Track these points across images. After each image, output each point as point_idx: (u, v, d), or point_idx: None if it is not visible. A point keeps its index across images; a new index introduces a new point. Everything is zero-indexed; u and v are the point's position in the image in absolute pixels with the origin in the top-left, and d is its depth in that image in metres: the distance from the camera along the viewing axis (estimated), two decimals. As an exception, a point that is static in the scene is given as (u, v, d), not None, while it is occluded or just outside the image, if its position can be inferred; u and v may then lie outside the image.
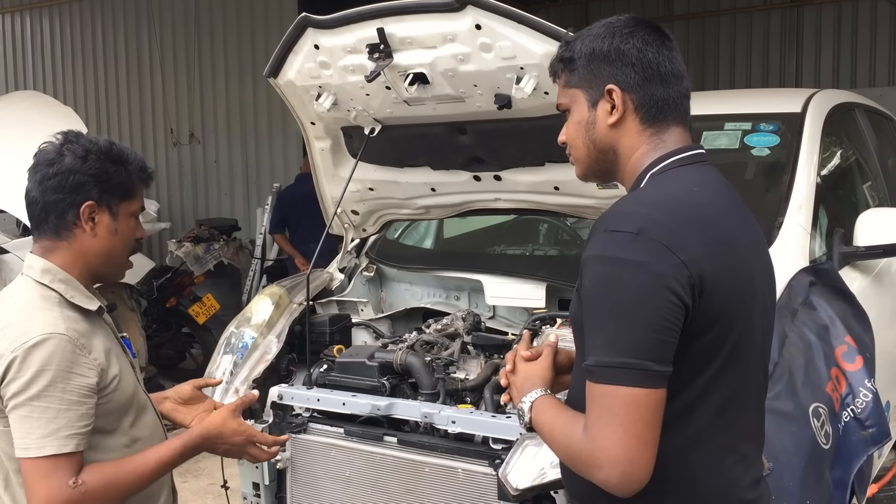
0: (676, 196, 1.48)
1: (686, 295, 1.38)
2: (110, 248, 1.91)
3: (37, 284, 1.85)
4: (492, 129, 2.80)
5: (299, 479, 2.81)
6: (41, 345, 1.74)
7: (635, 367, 1.36)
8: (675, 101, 1.55)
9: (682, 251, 1.39)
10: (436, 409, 2.58)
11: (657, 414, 1.38)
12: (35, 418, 1.71)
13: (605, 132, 1.57)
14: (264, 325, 3.09)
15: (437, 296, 3.56)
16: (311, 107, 2.96)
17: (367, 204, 3.39)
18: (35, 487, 1.73)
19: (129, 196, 1.92)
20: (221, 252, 7.72)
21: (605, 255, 1.41)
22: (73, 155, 1.85)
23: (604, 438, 1.37)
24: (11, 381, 1.73)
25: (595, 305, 1.41)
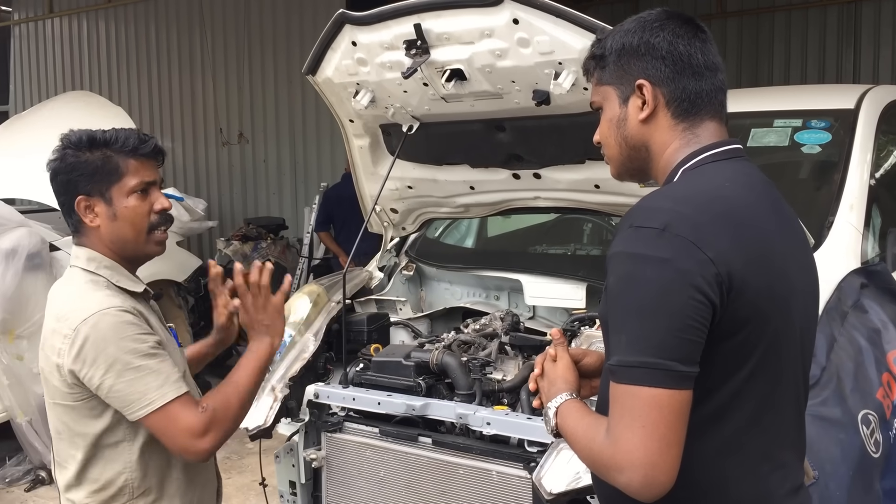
0: (706, 191, 1.42)
1: (713, 293, 1.32)
2: (118, 232, 1.93)
3: (84, 272, 1.93)
4: (531, 125, 2.75)
5: (334, 479, 2.80)
6: (103, 320, 1.80)
7: (658, 367, 1.30)
8: (708, 93, 1.49)
9: (710, 247, 1.33)
10: (471, 410, 2.54)
11: (682, 416, 1.32)
12: (142, 377, 1.80)
13: (637, 128, 1.52)
14: (302, 323, 3.08)
15: (477, 295, 3.52)
16: (349, 104, 2.95)
17: (407, 202, 3.37)
18: (173, 427, 1.82)
19: (117, 177, 1.91)
20: (268, 250, 7.79)
21: (630, 252, 1.36)
22: (56, 158, 1.93)
23: (625, 441, 1.31)
24: (96, 359, 1.78)
25: (618, 303, 1.37)
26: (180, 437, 1.84)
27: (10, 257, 4.68)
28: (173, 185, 10.02)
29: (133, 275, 1.99)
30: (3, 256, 4.66)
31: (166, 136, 10.57)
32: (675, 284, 1.31)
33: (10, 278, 4.63)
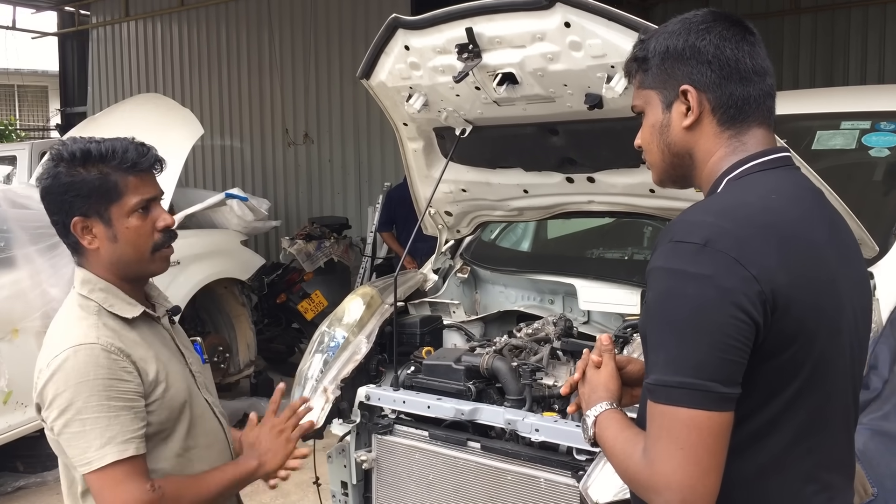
0: (750, 203, 1.36)
1: (756, 311, 1.27)
2: (119, 254, 1.80)
3: (78, 296, 1.81)
4: (584, 129, 2.72)
5: (384, 480, 2.81)
6: (73, 357, 1.69)
7: (698, 387, 1.26)
8: (756, 100, 1.43)
9: (753, 264, 1.28)
10: (519, 416, 2.52)
11: (722, 439, 1.27)
12: (87, 431, 1.67)
13: (681, 135, 1.47)
14: (355, 324, 3.11)
15: (532, 299, 3.50)
16: (403, 108, 2.96)
17: (461, 205, 3.37)
18: (109, 496, 1.70)
19: (116, 197, 1.77)
20: (332, 250, 7.87)
21: (669, 268, 1.32)
22: (46, 175, 1.78)
23: (662, 463, 1.27)
24: (52, 401, 1.69)
25: (658, 320, 1.33)
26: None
27: (81, 255, 4.83)
28: (240, 184, 10.23)
29: (132, 296, 1.84)
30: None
31: (235, 136, 10.80)
32: (717, 302, 1.27)
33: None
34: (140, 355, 1.77)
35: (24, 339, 4.68)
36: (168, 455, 1.81)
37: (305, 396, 2.08)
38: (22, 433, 4.73)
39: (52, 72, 16.15)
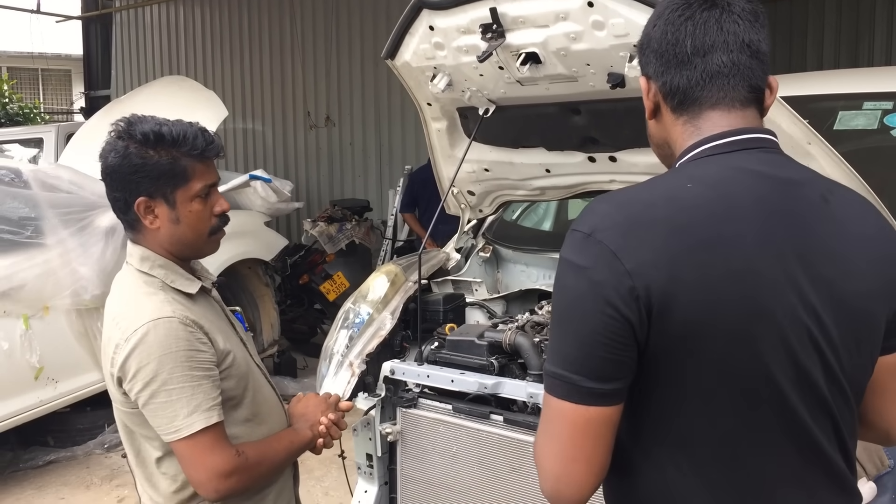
0: (658, 191, 1.30)
1: (627, 308, 1.21)
2: (179, 236, 1.87)
3: (138, 272, 1.88)
4: (606, 108, 2.75)
5: (409, 452, 2.87)
6: (154, 331, 1.75)
7: (566, 379, 1.25)
8: (699, 83, 1.33)
9: (631, 259, 1.21)
10: (541, 390, 2.56)
11: (590, 432, 1.25)
12: (174, 401, 1.75)
13: (652, 125, 1.45)
14: (380, 301, 3.16)
15: (553, 277, 3.54)
16: (427, 88, 3.00)
17: (483, 185, 3.41)
18: (200, 462, 1.78)
19: (182, 181, 1.83)
20: (353, 232, 7.94)
21: (561, 255, 1.30)
22: (114, 152, 1.82)
23: (538, 447, 1.32)
24: (136, 374, 1.75)
25: (552, 307, 1.33)
26: (202, 472, 1.80)
27: (110, 235, 4.91)
28: (262, 166, 10.31)
29: (188, 271, 1.92)
30: (102, 234, 4.91)
31: (257, 119, 10.88)
32: (588, 296, 1.23)
33: (110, 255, 4.87)
34: (208, 327, 1.85)
35: (54, 316, 4.79)
36: (238, 421, 1.89)
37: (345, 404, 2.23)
38: (52, 408, 4.85)
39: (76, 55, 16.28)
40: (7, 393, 4.51)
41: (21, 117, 15.85)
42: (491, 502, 2.66)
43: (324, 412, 2.13)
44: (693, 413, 1.27)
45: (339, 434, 2.18)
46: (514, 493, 2.60)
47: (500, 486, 2.63)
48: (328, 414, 2.14)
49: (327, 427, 2.12)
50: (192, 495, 1.90)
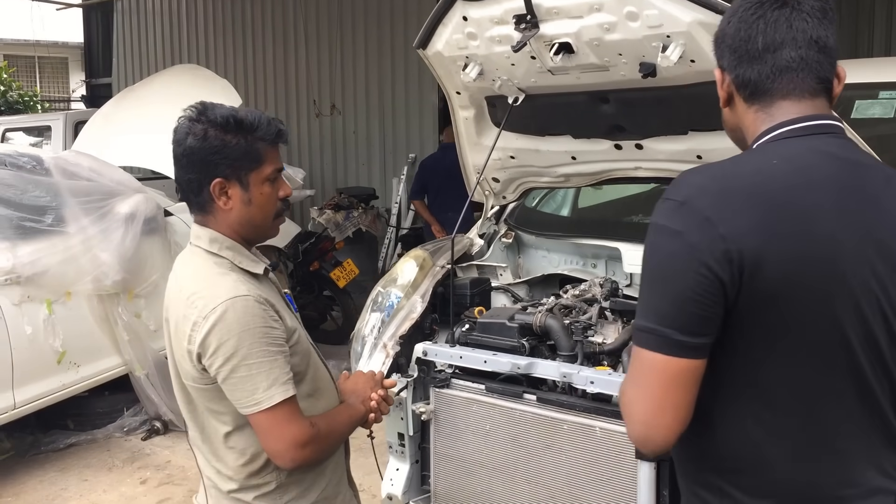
0: (747, 166, 1.44)
1: (721, 269, 1.34)
2: (249, 217, 1.95)
3: (207, 253, 1.94)
4: (635, 97, 2.83)
5: (442, 431, 2.96)
6: (232, 309, 1.83)
7: (658, 333, 1.38)
8: (770, 76, 1.47)
9: (724, 224, 1.35)
10: (574, 370, 2.67)
11: (679, 382, 1.38)
12: (255, 375, 1.83)
13: (726, 113, 1.59)
14: (409, 285, 3.25)
15: (574, 263, 3.63)
16: (458, 77, 3.08)
17: (508, 172, 3.49)
18: (278, 433, 1.87)
19: (256, 164, 1.92)
20: (360, 220, 8.00)
21: (653, 222, 1.43)
22: (193, 134, 1.89)
23: (627, 396, 1.44)
24: (217, 350, 1.83)
25: (642, 269, 1.45)
26: (282, 442, 1.87)
27: (130, 221, 4.99)
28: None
29: (253, 254, 2.00)
30: (122, 221, 4.98)
31: (261, 107, 10.89)
32: (683, 257, 1.36)
33: (130, 241, 4.95)
34: (277, 305, 1.94)
35: (76, 301, 4.86)
36: (301, 396, 1.96)
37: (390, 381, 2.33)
38: (74, 392, 4.93)
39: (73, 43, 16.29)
40: (31, 377, 4.59)
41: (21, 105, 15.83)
42: (524, 478, 2.75)
43: (373, 388, 2.22)
44: (774, 367, 1.40)
45: (388, 409, 2.27)
46: (547, 468, 2.69)
47: (533, 462, 2.72)
48: (377, 390, 2.23)
49: (378, 402, 2.21)
50: (261, 467, 1.98)
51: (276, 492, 2.02)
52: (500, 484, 2.82)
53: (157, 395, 5.15)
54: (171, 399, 5.20)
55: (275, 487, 2.02)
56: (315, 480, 2.08)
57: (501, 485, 2.81)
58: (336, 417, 2.06)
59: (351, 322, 7.34)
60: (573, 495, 2.64)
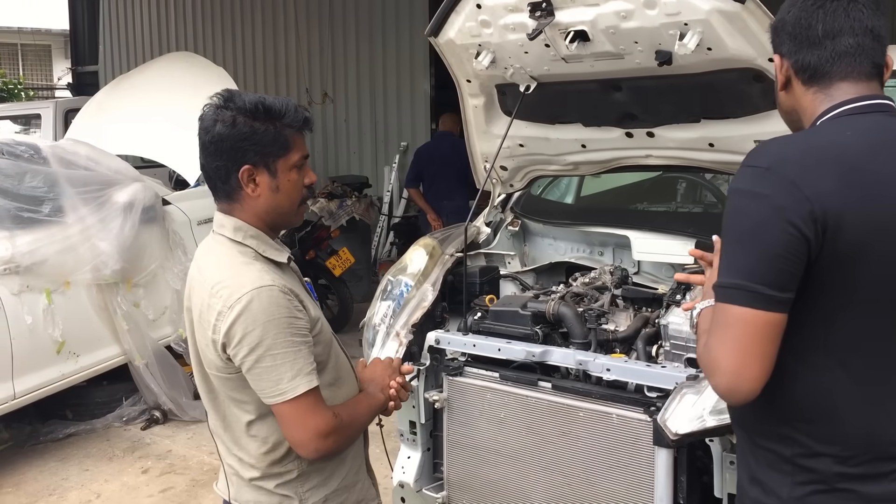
0: (822, 137, 1.57)
1: (807, 228, 1.46)
2: (276, 204, 1.94)
3: (231, 242, 1.92)
4: (648, 85, 2.84)
5: (455, 419, 2.97)
6: (257, 298, 1.81)
7: (748, 288, 1.48)
8: (830, 60, 1.59)
9: (809, 186, 1.47)
10: (590, 357, 2.68)
11: (766, 335, 1.49)
12: (279, 365, 1.82)
13: (783, 96, 1.71)
14: (420, 274, 3.25)
15: (581, 251, 3.64)
16: (469, 65, 3.07)
17: (517, 160, 3.49)
18: (302, 423, 1.87)
19: (284, 151, 1.91)
20: (353, 208, 7.97)
21: (737, 188, 1.55)
22: (222, 122, 1.87)
23: (716, 350, 1.51)
24: (242, 339, 1.83)
25: (725, 234, 1.55)
26: (305, 432, 1.88)
27: (128, 210, 4.96)
28: (257, 143, 10.29)
29: (276, 242, 1.99)
30: (120, 209, 4.95)
31: (250, 95, 10.81)
32: (771, 218, 1.48)
33: (128, 230, 4.92)
34: (302, 295, 1.93)
35: (75, 291, 4.83)
36: (324, 385, 1.96)
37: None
38: (73, 382, 4.90)
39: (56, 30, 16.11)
40: (31, 367, 4.56)
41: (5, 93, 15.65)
42: (539, 465, 2.76)
43: (391, 376, 2.23)
44: (849, 322, 1.53)
45: (407, 396, 2.27)
46: (562, 456, 2.70)
47: (548, 449, 2.73)
48: (396, 378, 2.23)
49: (396, 390, 2.21)
50: (283, 456, 1.99)
51: (298, 480, 2.02)
52: (514, 471, 2.83)
53: (157, 385, 5.13)
54: (171, 388, 5.22)
55: (296, 476, 2.02)
56: (336, 469, 2.09)
57: (516, 472, 2.82)
58: (357, 407, 2.06)
59: (346, 310, 7.34)
60: (589, 482, 2.65)
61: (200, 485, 4.47)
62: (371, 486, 2.25)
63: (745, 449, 1.70)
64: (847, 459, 1.55)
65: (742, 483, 1.70)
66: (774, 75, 1.71)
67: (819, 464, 1.56)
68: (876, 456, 1.55)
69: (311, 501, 2.03)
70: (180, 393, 5.25)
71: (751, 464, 1.66)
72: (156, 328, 5.19)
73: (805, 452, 1.57)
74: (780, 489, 1.59)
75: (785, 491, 1.59)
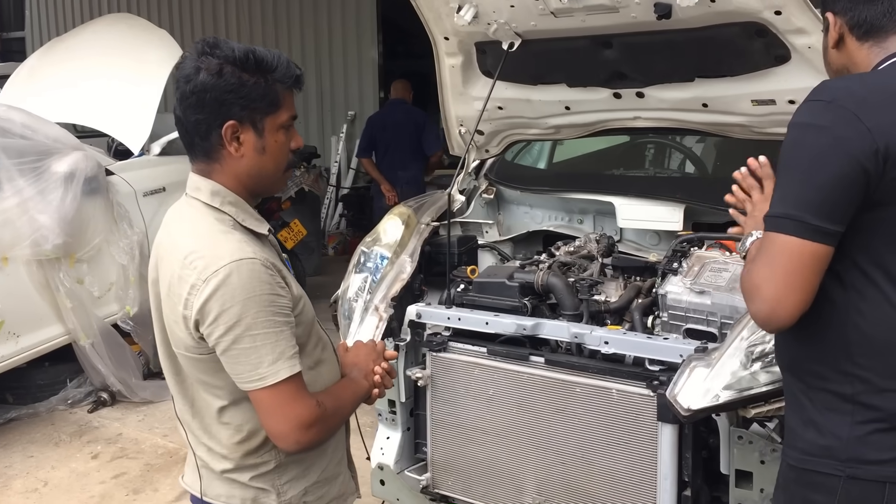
0: (885, 76, 1.59)
1: (867, 161, 1.47)
2: (261, 167, 1.75)
3: (207, 207, 1.74)
4: (641, 42, 2.69)
5: (440, 397, 2.81)
6: (237, 272, 1.63)
7: (797, 218, 1.50)
8: (886, 13, 1.64)
9: (871, 119, 1.48)
10: (587, 330, 2.54)
11: (812, 265, 1.51)
12: (259, 347, 1.64)
13: (833, 54, 1.74)
14: (396, 244, 3.07)
15: (559, 219, 3.50)
16: (449, 20, 2.88)
17: (494, 123, 3.31)
18: (283, 412, 1.68)
19: (273, 108, 1.72)
20: (302, 179, 7.70)
21: (798, 121, 1.56)
22: (207, 70, 1.67)
23: (758, 276, 1.54)
24: (218, 317, 1.64)
25: (781, 165, 1.57)
26: (286, 423, 1.69)
27: (69, 181, 4.64)
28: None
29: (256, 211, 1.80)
30: (61, 180, 4.63)
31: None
32: (831, 149, 1.49)
33: (70, 202, 4.61)
34: (283, 271, 1.74)
35: (13, 267, 4.53)
36: (304, 368, 1.77)
37: None
38: (14, 364, 4.61)
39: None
40: (-33, 349, 4.25)
41: (-77, 60, 14.80)
42: (532, 443, 2.62)
43: (375, 361, 2.03)
44: (881, 257, 1.54)
45: (392, 383, 2.09)
46: (557, 433, 2.57)
47: (542, 427, 2.60)
48: (380, 363, 2.05)
49: (381, 376, 2.03)
50: (259, 446, 1.80)
51: (275, 472, 1.83)
52: (504, 450, 2.69)
53: (104, 365, 4.85)
54: (119, 368, 4.95)
55: (273, 467, 1.83)
56: (316, 459, 1.90)
57: (506, 451, 2.68)
58: (340, 395, 1.86)
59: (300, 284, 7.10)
60: (586, 460, 2.52)
61: (155, 469, 4.24)
62: (351, 479, 2.06)
63: (797, 393, 1.69)
64: None
65: (794, 428, 1.68)
66: (781, 33, 1.88)
67: (884, 401, 1.56)
68: None
69: (289, 495, 1.84)
70: (129, 373, 4.98)
71: (806, 406, 1.65)
72: (101, 305, 4.89)
73: (869, 389, 1.57)
74: (840, 429, 1.59)
75: (845, 431, 1.58)
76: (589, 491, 2.54)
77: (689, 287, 2.54)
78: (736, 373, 2.17)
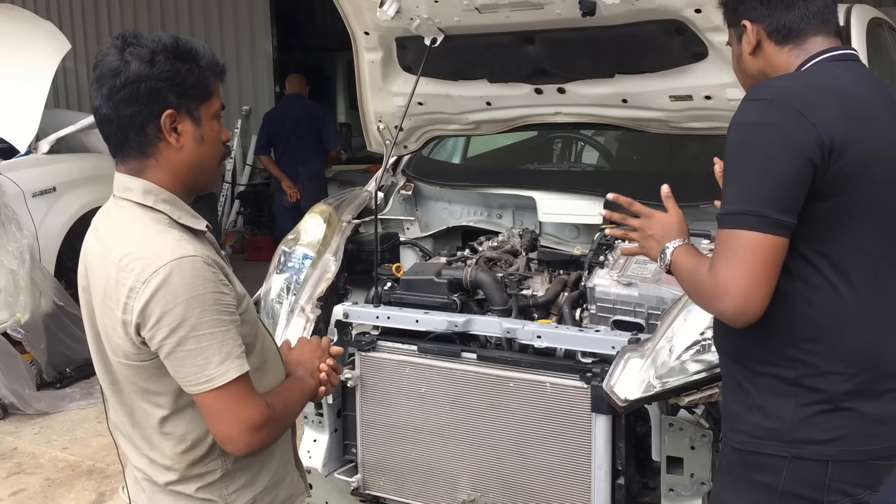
0: (818, 75, 1.67)
1: (814, 154, 1.55)
2: (200, 157, 1.69)
3: (140, 207, 1.66)
4: (564, 38, 2.72)
5: (370, 397, 2.77)
6: (178, 271, 1.56)
7: (756, 213, 1.54)
8: (804, 17, 1.71)
9: (814, 115, 1.55)
10: (519, 325, 2.55)
11: (774, 258, 1.56)
12: (205, 347, 1.58)
13: (750, 61, 1.79)
14: (319, 243, 3.00)
15: (479, 214, 3.51)
16: (369, 15, 2.84)
17: (414, 119, 3.29)
18: (231, 414, 1.62)
19: (206, 96, 1.68)
20: (197, 176, 7.47)
21: (743, 120, 1.61)
22: (138, 59, 1.60)
23: (724, 274, 1.57)
24: (161, 319, 1.57)
25: (730, 164, 1.62)
26: (235, 425, 1.63)
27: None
28: (79, 107, 9.48)
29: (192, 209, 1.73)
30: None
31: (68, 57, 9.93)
32: (779, 145, 1.55)
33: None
34: (225, 269, 1.67)
35: None
36: (251, 367, 1.70)
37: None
38: None
39: None
40: None
41: None
42: (466, 440, 2.62)
43: (321, 358, 1.99)
44: (848, 244, 1.62)
45: (338, 380, 2.05)
46: (491, 429, 2.57)
47: (476, 423, 2.60)
48: (325, 360, 2.00)
49: (328, 373, 1.99)
50: (204, 455, 1.73)
51: (222, 481, 1.76)
52: (438, 448, 2.67)
53: (-4, 377, 4.57)
54: (11, 380, 4.68)
55: (220, 476, 1.75)
56: (264, 465, 1.84)
57: (440, 449, 2.67)
58: (288, 394, 1.81)
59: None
60: (521, 454, 2.54)
61: (57, 483, 4.03)
62: (300, 478, 2.01)
63: (739, 379, 1.74)
64: (852, 377, 1.63)
65: (737, 412, 1.74)
66: (700, 30, 1.95)
67: (827, 383, 1.63)
68: (880, 373, 1.65)
69: None
70: (22, 384, 4.71)
71: (749, 392, 1.71)
72: (-9, 314, 4.61)
73: (812, 373, 1.63)
74: (785, 412, 1.65)
75: (789, 413, 1.65)
76: (524, 484, 2.55)
77: (617, 279, 2.59)
78: (668, 363, 2.23)
